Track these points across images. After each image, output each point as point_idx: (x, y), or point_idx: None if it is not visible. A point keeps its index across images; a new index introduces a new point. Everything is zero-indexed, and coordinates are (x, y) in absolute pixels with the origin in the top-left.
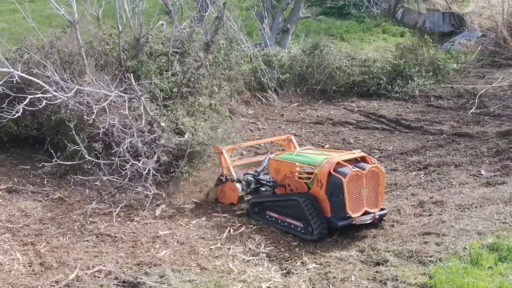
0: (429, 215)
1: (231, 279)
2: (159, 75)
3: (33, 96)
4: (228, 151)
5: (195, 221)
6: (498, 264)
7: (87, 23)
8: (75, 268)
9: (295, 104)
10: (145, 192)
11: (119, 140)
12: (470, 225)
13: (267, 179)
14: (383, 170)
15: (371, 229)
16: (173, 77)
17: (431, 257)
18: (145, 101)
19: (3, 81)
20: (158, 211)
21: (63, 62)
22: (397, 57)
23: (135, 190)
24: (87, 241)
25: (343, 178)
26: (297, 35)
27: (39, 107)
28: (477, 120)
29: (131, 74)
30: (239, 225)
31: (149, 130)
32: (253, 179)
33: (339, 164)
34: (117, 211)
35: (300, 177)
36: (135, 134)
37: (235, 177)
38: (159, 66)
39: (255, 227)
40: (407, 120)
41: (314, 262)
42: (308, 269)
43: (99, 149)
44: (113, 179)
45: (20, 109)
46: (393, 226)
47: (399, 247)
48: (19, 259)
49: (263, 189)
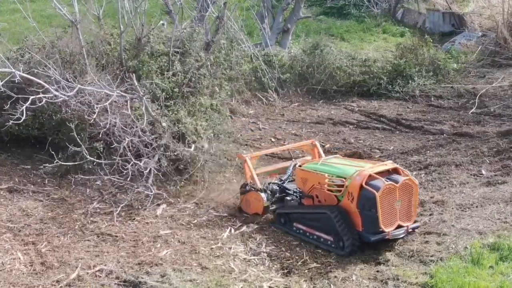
0: (430, 215)
1: (232, 279)
2: (160, 75)
3: (35, 96)
4: (251, 159)
5: (196, 221)
6: (499, 263)
7: (88, 23)
8: (76, 267)
9: (296, 104)
10: (146, 192)
11: (120, 140)
12: (471, 224)
13: (294, 189)
14: (417, 182)
15: None
16: (174, 77)
17: (432, 256)
18: (146, 101)
19: (4, 81)
20: (159, 211)
21: (64, 62)
22: (398, 57)
23: (136, 189)
24: (88, 240)
25: (376, 192)
26: (297, 35)
27: (40, 105)
28: (478, 120)
29: (133, 74)
30: (240, 224)
31: (151, 130)
32: (278, 188)
33: (371, 176)
34: (118, 210)
35: (329, 189)
36: (136, 133)
37: (259, 186)
38: (160, 66)
39: (256, 226)
40: (407, 120)
41: (315, 261)
42: (309, 269)
43: (100, 149)
44: (114, 179)
45: (24, 111)
46: None
47: (400, 247)
48: (20, 258)
49: (288, 198)
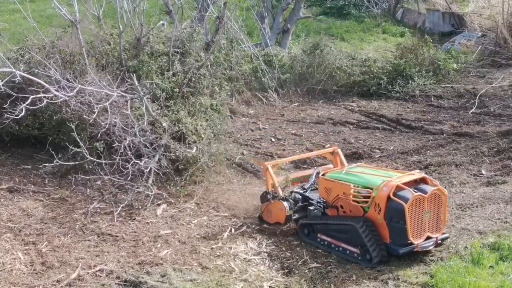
0: None
1: (232, 278)
2: (160, 75)
3: (35, 96)
4: (273, 167)
5: (196, 221)
6: (499, 263)
7: (88, 23)
8: (77, 267)
9: (296, 104)
10: (146, 191)
11: (120, 140)
12: (471, 224)
13: (317, 198)
14: (446, 192)
15: None
16: (174, 77)
17: (432, 256)
18: (146, 101)
19: (5, 81)
20: (159, 211)
21: (64, 61)
22: (398, 57)
23: (137, 189)
24: (89, 240)
25: (404, 203)
26: (297, 35)
27: (40, 106)
28: (478, 119)
29: (133, 74)
30: (240, 224)
31: (151, 130)
32: (300, 197)
33: (398, 187)
34: (119, 210)
35: (355, 200)
36: (136, 133)
37: (282, 194)
38: (160, 66)
39: (256, 226)
40: (407, 119)
41: (315, 261)
42: (309, 268)
43: (100, 149)
44: (114, 179)
45: (23, 110)
46: None
47: None
48: (20, 258)
49: (311, 207)
